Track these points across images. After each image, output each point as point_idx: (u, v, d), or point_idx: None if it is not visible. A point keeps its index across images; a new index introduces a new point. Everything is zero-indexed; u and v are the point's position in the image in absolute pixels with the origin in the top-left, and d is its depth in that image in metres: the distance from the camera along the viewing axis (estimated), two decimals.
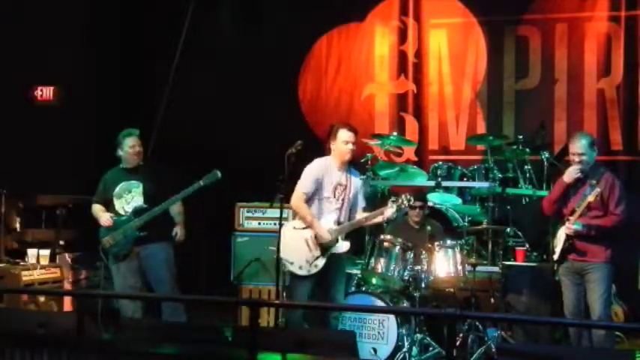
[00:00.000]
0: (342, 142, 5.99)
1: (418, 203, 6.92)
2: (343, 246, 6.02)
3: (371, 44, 9.27)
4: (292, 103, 9.25)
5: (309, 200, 5.98)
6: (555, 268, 6.03)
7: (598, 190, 5.71)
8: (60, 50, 8.71)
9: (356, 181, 6.13)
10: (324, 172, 5.98)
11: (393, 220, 7.40)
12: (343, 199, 6.02)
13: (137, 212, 6.26)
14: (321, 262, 5.91)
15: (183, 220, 6.44)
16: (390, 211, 6.01)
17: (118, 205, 6.35)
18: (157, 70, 9.04)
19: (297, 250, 5.91)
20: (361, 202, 6.18)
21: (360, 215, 6.12)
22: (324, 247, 5.94)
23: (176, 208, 6.40)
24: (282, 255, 5.93)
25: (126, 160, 6.44)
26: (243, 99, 8.87)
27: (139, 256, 6.27)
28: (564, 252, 5.88)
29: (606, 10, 8.48)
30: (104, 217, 6.31)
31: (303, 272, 5.90)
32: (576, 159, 5.88)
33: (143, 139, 6.57)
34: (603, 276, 5.79)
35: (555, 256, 5.97)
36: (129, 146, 6.39)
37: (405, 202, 6.04)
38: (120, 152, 6.44)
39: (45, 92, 9.03)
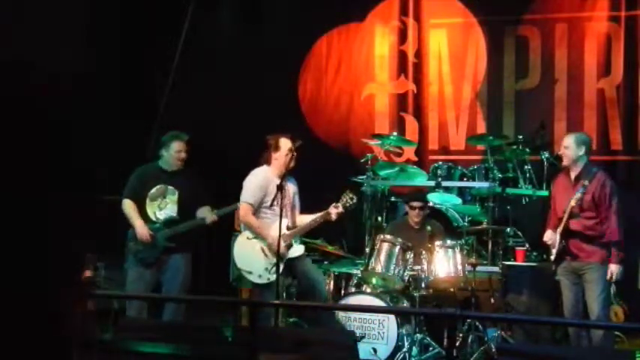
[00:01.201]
0: (288, 149, 6.11)
1: (417, 204, 6.93)
2: (297, 250, 6.15)
3: (371, 44, 9.27)
4: (292, 103, 9.25)
5: (255, 212, 6.06)
6: (554, 268, 6.04)
7: (579, 195, 5.77)
8: (60, 50, 8.70)
9: (292, 187, 6.26)
10: (267, 182, 6.05)
11: (393, 220, 7.42)
12: (285, 205, 6.07)
13: (168, 223, 6.22)
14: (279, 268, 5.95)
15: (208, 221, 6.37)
16: (335, 211, 6.10)
17: (150, 208, 6.26)
18: (157, 70, 9.03)
19: (254, 259, 5.98)
20: (297, 205, 6.32)
21: (307, 218, 6.24)
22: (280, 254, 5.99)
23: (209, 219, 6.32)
24: (239, 266, 6.03)
25: (167, 163, 6.32)
26: (243, 99, 8.86)
27: (161, 264, 6.24)
28: (560, 253, 5.90)
29: (606, 10, 8.48)
30: (143, 231, 6.14)
31: (263, 280, 5.96)
32: (560, 151, 6.06)
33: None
34: (601, 276, 5.80)
35: (552, 257, 5.98)
36: (175, 150, 6.28)
37: (349, 200, 6.13)
38: (163, 153, 6.31)
39: None
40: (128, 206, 6.23)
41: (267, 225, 6.05)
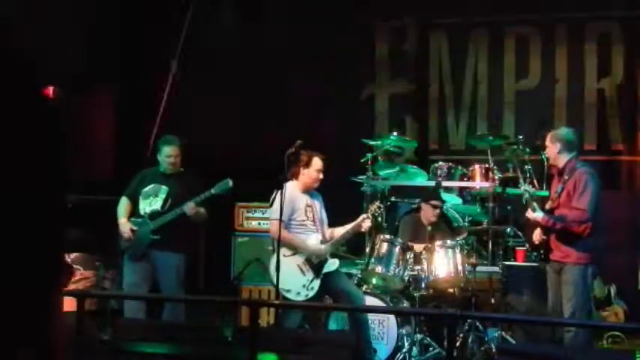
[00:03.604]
0: (316, 170, 6.12)
1: (439, 203, 6.94)
2: (332, 264, 6.11)
3: (371, 44, 9.27)
4: (292, 103, 9.23)
5: (287, 228, 6.01)
6: (544, 266, 6.03)
7: (558, 190, 5.73)
8: (60, 50, 8.69)
9: (318, 202, 6.25)
10: (294, 197, 6.04)
11: (393, 220, 7.42)
12: (315, 219, 6.11)
13: (152, 216, 6.33)
14: (316, 284, 5.97)
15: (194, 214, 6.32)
16: (367, 223, 6.14)
17: (142, 205, 6.42)
18: (157, 70, 9.03)
19: (292, 277, 5.94)
20: (325, 219, 6.31)
21: (339, 231, 6.24)
22: (317, 269, 5.99)
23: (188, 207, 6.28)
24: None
25: (162, 167, 6.52)
26: (243, 99, 8.86)
27: (152, 259, 6.32)
28: (542, 250, 5.87)
29: (606, 10, 8.48)
30: (123, 228, 6.34)
31: (301, 297, 5.94)
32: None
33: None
34: (574, 278, 5.68)
35: (542, 255, 5.97)
36: (165, 154, 6.46)
37: (376, 209, 6.18)
38: (158, 157, 6.53)
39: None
40: (120, 204, 6.49)
41: (302, 238, 6.04)
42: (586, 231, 5.66)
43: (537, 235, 5.94)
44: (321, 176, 6.16)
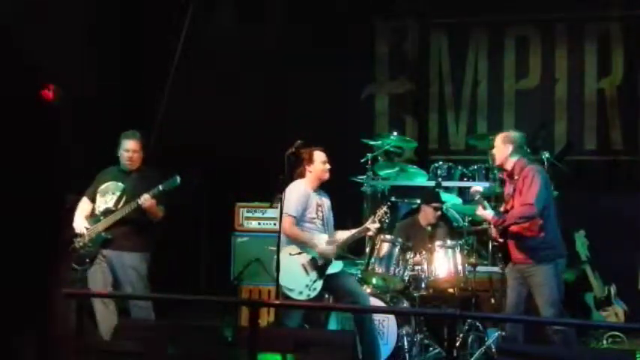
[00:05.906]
0: (321, 162, 6.12)
1: (440, 205, 6.95)
2: (336, 266, 6.10)
3: (371, 44, 9.27)
4: (292, 103, 9.23)
5: (298, 224, 6.02)
6: (501, 268, 6.00)
7: (509, 192, 5.73)
8: (60, 50, 8.68)
9: (327, 201, 6.25)
10: (306, 194, 6.05)
11: (395, 220, 7.42)
12: (324, 219, 6.12)
13: (105, 214, 6.08)
14: (318, 285, 5.96)
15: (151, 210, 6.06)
16: (374, 226, 6.13)
17: (98, 203, 6.16)
18: (156, 70, 9.03)
19: (295, 276, 5.95)
20: (332, 221, 6.30)
21: (345, 233, 6.23)
22: (321, 270, 5.99)
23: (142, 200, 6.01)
24: (280, 282, 5.89)
25: (121, 162, 6.24)
26: (243, 99, 8.86)
27: (108, 260, 6.05)
28: (501, 253, 5.84)
29: (606, 10, 8.49)
30: (79, 226, 6.07)
31: (303, 297, 5.94)
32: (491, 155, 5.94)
33: (146, 139, 6.41)
34: (544, 279, 5.62)
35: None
36: (123, 148, 6.19)
37: (384, 215, 6.17)
38: (118, 153, 6.24)
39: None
40: (80, 205, 6.18)
41: (310, 236, 6.04)
42: (538, 228, 5.60)
43: (493, 239, 5.91)
44: (327, 166, 6.15)
